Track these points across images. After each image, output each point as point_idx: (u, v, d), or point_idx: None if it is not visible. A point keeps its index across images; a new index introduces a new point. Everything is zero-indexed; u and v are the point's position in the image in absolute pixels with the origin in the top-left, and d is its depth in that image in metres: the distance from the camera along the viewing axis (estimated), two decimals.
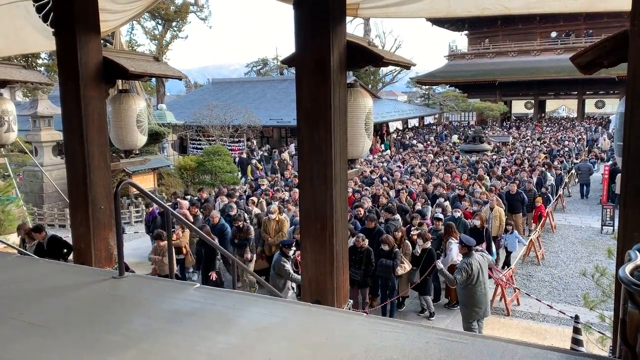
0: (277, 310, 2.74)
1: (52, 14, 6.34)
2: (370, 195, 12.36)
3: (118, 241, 3.49)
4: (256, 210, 11.60)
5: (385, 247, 8.32)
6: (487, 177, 15.47)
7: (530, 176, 15.20)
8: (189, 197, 13.38)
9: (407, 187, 13.45)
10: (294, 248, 8.25)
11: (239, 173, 21.17)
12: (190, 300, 2.91)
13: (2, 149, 8.55)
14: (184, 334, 2.45)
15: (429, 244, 8.55)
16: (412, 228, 9.31)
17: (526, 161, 19.21)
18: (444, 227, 9.15)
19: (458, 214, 10.25)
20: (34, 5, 6.68)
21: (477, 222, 9.92)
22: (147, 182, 16.98)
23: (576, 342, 6.82)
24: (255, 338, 2.42)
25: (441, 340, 2.27)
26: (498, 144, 26.96)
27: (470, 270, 7.05)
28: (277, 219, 10.37)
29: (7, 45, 8.18)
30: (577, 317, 7.02)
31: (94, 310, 2.82)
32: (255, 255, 10.04)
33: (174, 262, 8.59)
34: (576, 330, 6.88)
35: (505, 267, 10.56)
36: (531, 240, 11.47)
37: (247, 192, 14.55)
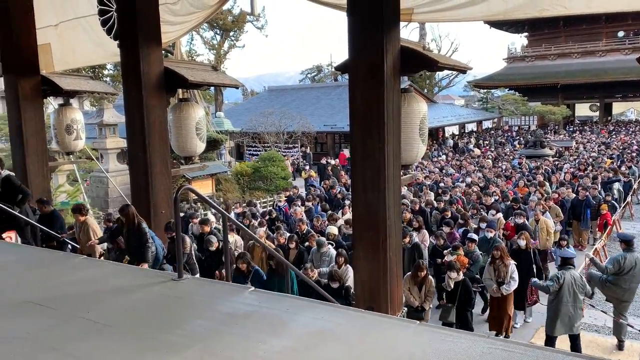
0: (331, 316, 2.75)
1: (115, 27, 6.70)
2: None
3: (177, 245, 3.60)
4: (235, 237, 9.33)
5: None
6: (548, 184, 14.80)
7: (594, 182, 14.49)
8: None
9: (450, 196, 12.59)
10: None
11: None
12: (246, 303, 2.97)
13: (71, 155, 9.07)
14: (240, 336, 2.51)
15: (461, 275, 7.34)
16: (445, 252, 8.23)
17: (590, 167, 18.36)
18: (495, 251, 7.75)
19: (490, 235, 9.01)
20: (99, 19, 7.07)
21: (522, 243, 8.29)
22: (205, 188, 17.42)
23: None
24: (309, 343, 2.44)
25: (497, 350, 2.21)
26: (560, 149, 25.94)
27: (622, 262, 7.18)
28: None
29: (73, 58, 8.69)
30: None
31: (154, 311, 2.93)
32: None
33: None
34: None
35: None
36: (596, 249, 10.94)
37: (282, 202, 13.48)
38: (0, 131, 18.38)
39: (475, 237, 8.66)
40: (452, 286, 7.31)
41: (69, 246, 7.58)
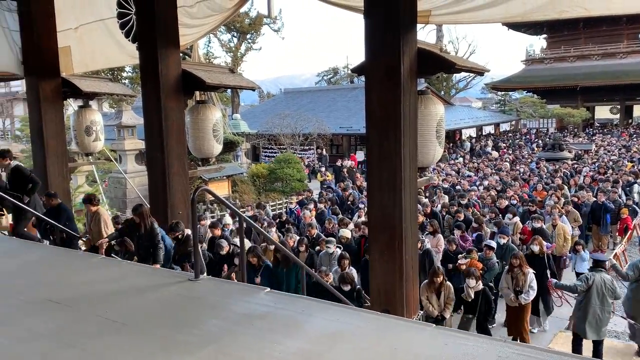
0: (346, 318, 2.75)
1: (134, 30, 6.78)
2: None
3: (195, 245, 3.63)
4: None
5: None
6: (566, 188, 14.57)
7: (615, 186, 14.24)
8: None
9: (468, 200, 12.35)
10: None
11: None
12: (261, 303, 2.98)
13: (90, 156, 9.19)
14: (255, 337, 2.52)
15: (480, 284, 7.15)
16: (460, 256, 7.99)
17: (610, 170, 18.07)
18: (514, 259, 7.45)
19: (504, 241, 8.79)
20: (117, 22, 7.17)
21: (536, 248, 8.15)
22: (222, 189, 17.52)
23: None
24: (324, 345, 2.43)
25: (515, 354, 2.19)
26: (579, 152, 25.57)
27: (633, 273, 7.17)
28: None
29: (92, 61, 8.82)
30: None
31: (170, 311, 2.95)
32: None
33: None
34: None
35: None
36: (616, 254, 10.76)
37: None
38: (22, 132, 18.70)
39: (493, 244, 8.43)
40: (473, 296, 7.11)
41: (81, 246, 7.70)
